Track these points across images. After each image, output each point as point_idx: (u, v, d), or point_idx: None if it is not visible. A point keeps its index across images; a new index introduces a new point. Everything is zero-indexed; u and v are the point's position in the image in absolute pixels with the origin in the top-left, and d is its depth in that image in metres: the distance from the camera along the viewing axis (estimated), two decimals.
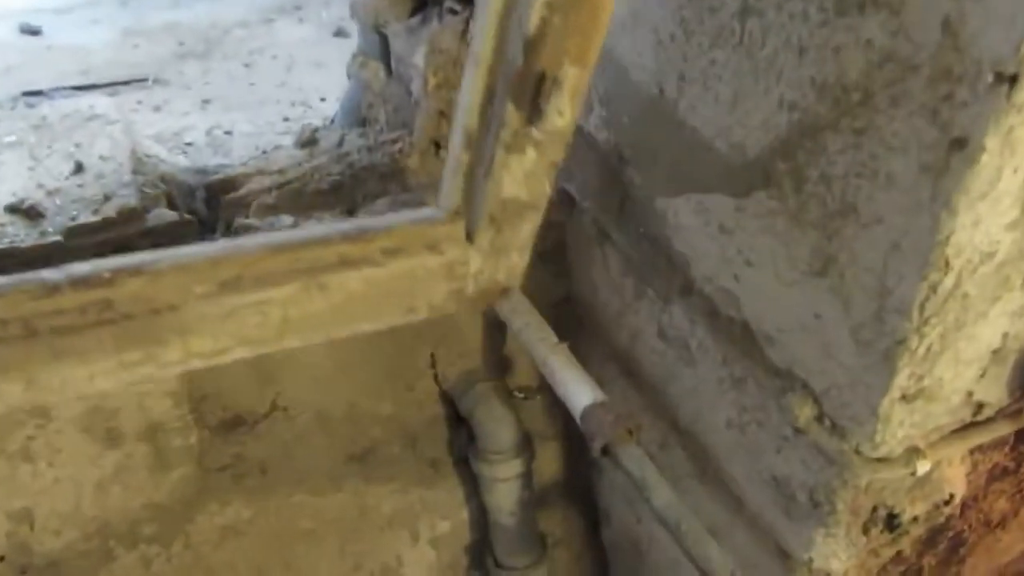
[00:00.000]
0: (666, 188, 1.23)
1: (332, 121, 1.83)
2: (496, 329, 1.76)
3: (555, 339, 1.50)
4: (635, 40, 1.19)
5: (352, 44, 2.66)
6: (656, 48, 1.14)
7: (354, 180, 1.57)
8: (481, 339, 1.76)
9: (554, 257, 1.71)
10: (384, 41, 1.65)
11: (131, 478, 1.41)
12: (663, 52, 1.13)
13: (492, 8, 0.87)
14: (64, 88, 2.18)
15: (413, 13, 1.60)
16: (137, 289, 0.89)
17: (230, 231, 1.50)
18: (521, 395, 1.73)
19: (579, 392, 1.12)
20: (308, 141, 1.65)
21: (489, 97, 0.95)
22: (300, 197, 1.53)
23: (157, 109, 2.14)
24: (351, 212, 1.53)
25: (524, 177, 1.02)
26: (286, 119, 2.12)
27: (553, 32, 0.84)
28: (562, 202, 1.59)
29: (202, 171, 1.76)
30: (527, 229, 1.13)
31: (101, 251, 1.39)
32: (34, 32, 2.57)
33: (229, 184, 1.56)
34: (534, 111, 0.93)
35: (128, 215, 1.39)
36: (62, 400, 1.30)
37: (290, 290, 0.97)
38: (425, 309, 1.12)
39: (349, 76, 1.74)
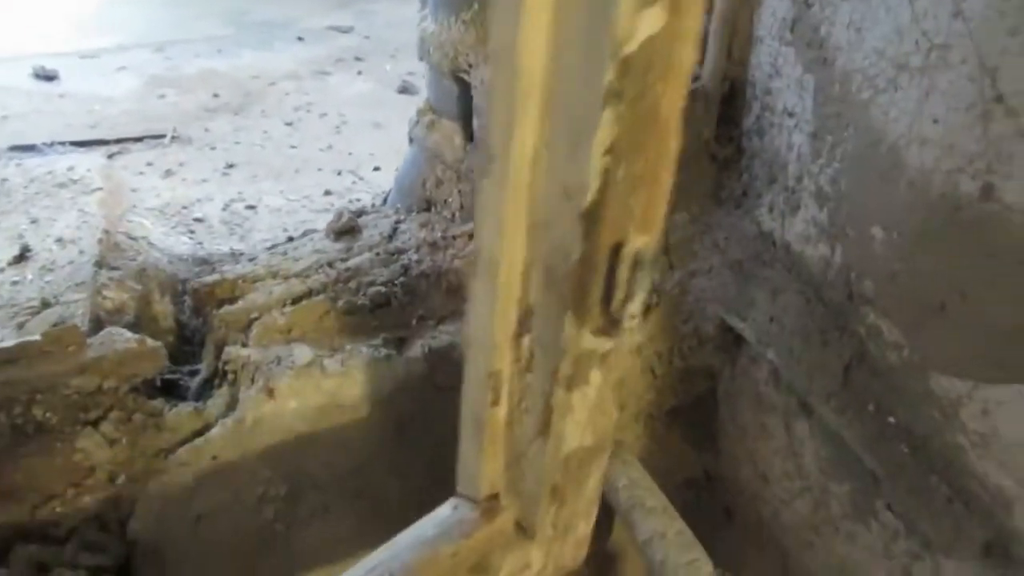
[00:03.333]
0: (967, 363, 0.67)
1: (384, 200, 1.33)
2: (600, 515, 1.20)
3: (708, 567, 0.95)
4: (927, 94, 0.65)
5: (419, 101, 2.22)
6: (986, 111, 0.60)
7: (407, 292, 1.05)
8: None
9: (693, 417, 1.16)
10: (464, 91, 1.15)
11: None
12: (1005, 120, 0.59)
13: (513, 178, 0.52)
14: (62, 143, 1.75)
15: None
16: None
17: (219, 366, 0.99)
18: None
19: None
20: (346, 229, 1.15)
21: (522, 324, 0.61)
22: (326, 316, 1.02)
23: (168, 174, 1.69)
24: (400, 342, 1.01)
25: (589, 415, 0.66)
26: (327, 192, 1.65)
27: (616, 191, 0.49)
28: (720, 342, 1.04)
29: (204, 260, 1.28)
30: (595, 481, 0.76)
31: (12, 394, 0.90)
32: (49, 77, 2.19)
33: (225, 290, 1.06)
34: (608, 316, 0.57)
35: (58, 339, 0.90)
36: None
37: None
38: None
39: (411, 140, 1.25)
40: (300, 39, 2.61)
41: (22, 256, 1.12)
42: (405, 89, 2.21)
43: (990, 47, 0.59)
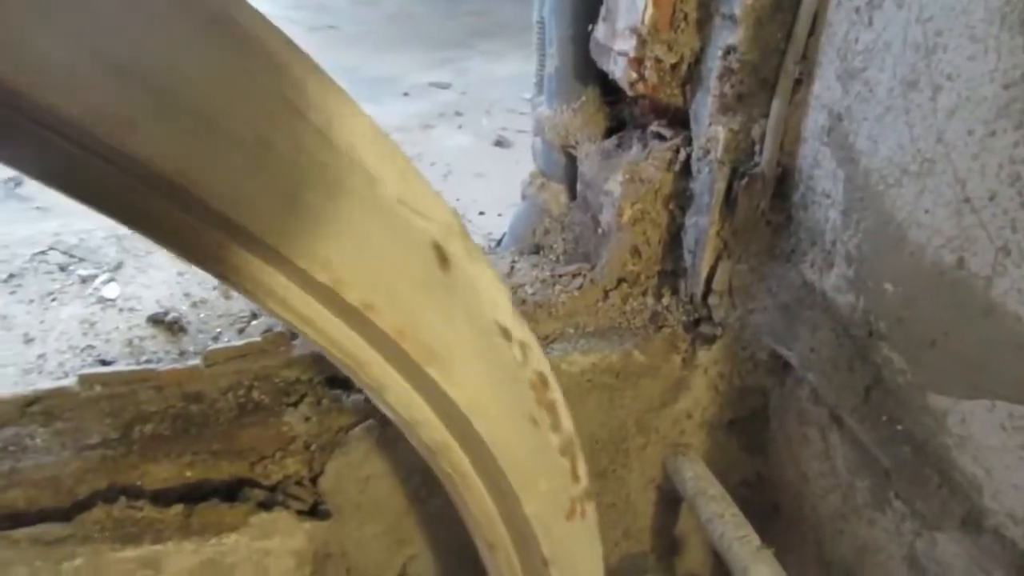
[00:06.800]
0: (951, 384, 0.93)
1: (498, 243, 1.64)
2: (670, 503, 1.47)
3: (756, 541, 1.20)
4: (921, 192, 0.92)
5: (513, 154, 2.54)
6: (959, 208, 0.87)
7: (525, 317, 1.35)
8: (652, 514, 1.47)
9: (748, 428, 1.42)
10: (571, 162, 1.46)
11: None
12: (971, 215, 0.86)
13: None
14: None
15: (608, 134, 1.41)
16: None
17: None
18: None
19: None
20: None
21: None
22: None
23: None
24: None
25: None
26: None
27: None
28: (771, 367, 1.31)
29: None
30: None
31: (239, 380, 1.23)
32: None
33: None
34: None
35: (272, 341, 1.22)
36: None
37: None
38: None
39: (523, 196, 1.56)
40: (406, 94, 2.98)
41: None
42: (500, 142, 2.53)
43: (960, 165, 0.86)
